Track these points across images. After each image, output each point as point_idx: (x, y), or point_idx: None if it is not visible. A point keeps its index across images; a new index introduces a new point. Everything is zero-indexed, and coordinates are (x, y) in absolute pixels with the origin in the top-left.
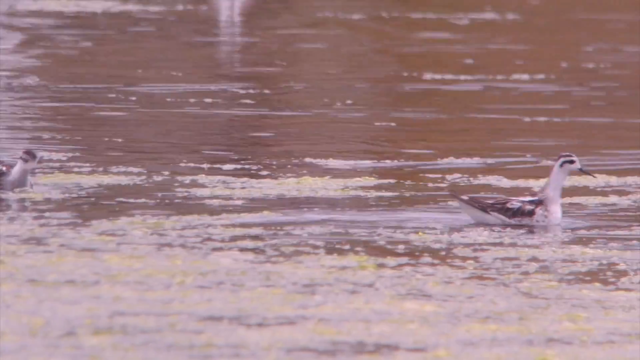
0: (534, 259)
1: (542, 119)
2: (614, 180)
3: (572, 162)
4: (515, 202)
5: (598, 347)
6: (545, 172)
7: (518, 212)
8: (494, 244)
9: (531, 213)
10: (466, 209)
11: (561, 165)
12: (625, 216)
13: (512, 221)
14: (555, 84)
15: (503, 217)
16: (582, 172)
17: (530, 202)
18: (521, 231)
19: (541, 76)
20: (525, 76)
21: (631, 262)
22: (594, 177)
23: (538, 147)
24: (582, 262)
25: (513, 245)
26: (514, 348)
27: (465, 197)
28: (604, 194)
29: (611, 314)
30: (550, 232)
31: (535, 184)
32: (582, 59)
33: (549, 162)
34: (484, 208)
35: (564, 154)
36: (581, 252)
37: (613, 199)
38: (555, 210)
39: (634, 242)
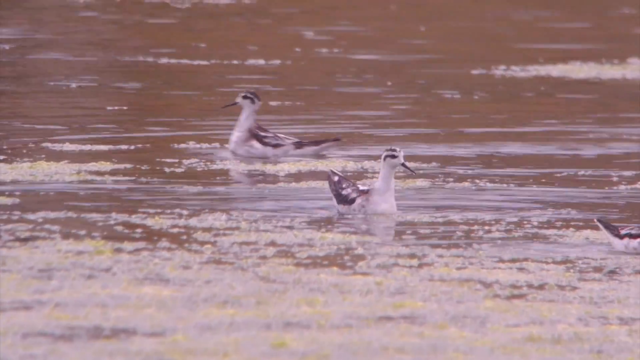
0: (272, 244)
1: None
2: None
3: (394, 156)
4: (348, 189)
5: (335, 330)
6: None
7: (345, 199)
8: (232, 229)
9: (352, 201)
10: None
11: (384, 159)
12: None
13: (339, 207)
14: (287, 69)
15: (334, 203)
16: (403, 166)
17: (360, 190)
18: (259, 215)
19: (277, 61)
20: (262, 61)
21: (369, 247)
22: (414, 173)
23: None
24: (320, 246)
25: (251, 229)
26: (252, 332)
27: (335, 178)
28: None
29: (349, 298)
30: (289, 217)
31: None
32: (308, 45)
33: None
34: (335, 190)
35: (387, 148)
36: (320, 237)
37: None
38: (376, 201)
39: (369, 227)
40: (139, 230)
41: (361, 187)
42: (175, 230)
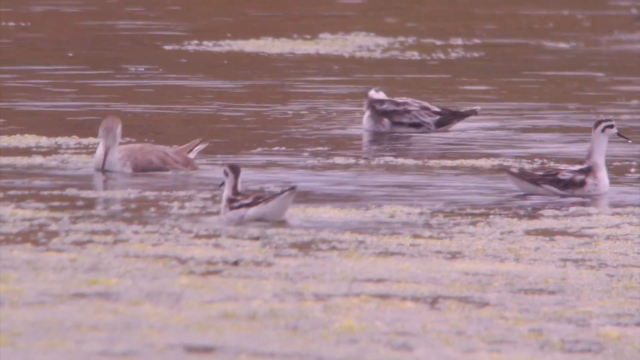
0: None
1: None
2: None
3: (612, 126)
4: (566, 173)
5: (28, 308)
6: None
7: (570, 184)
8: None
9: (582, 183)
10: (516, 182)
11: (603, 131)
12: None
13: (565, 192)
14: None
15: (554, 189)
16: (619, 135)
17: (580, 171)
18: None
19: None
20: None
21: (62, 223)
22: (629, 141)
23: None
24: (12, 222)
25: None
26: None
27: (515, 170)
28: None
29: (42, 274)
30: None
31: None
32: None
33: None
34: (535, 181)
35: (604, 119)
36: (11, 213)
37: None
38: (603, 178)
39: (59, 204)
40: None
41: (574, 168)
42: None
